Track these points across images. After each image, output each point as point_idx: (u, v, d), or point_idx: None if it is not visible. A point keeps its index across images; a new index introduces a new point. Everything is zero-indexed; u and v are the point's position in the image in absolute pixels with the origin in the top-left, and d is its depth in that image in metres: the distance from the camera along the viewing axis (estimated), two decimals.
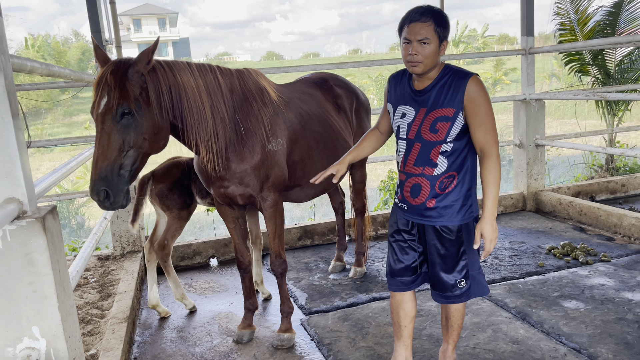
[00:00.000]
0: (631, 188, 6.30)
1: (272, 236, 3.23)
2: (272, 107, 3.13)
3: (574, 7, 7.09)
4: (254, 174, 3.02)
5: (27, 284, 1.79)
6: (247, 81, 3.08)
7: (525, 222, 5.46)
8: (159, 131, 2.62)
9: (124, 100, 2.43)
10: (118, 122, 2.42)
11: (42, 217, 1.79)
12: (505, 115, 17.58)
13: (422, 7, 2.31)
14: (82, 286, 4.11)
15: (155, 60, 2.62)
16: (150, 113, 2.55)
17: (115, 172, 2.42)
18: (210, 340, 3.42)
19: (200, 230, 9.11)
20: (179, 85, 2.67)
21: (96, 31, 4.53)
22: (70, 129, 26.81)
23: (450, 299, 2.53)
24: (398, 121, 2.47)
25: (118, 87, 2.42)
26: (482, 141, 2.31)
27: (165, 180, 3.60)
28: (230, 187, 3.05)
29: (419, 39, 2.27)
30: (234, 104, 2.96)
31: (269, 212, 3.15)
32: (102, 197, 2.39)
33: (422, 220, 2.47)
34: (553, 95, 5.81)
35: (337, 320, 3.54)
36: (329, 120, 3.56)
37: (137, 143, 2.49)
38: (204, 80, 2.81)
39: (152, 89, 2.56)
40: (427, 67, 2.31)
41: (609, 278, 3.90)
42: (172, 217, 3.64)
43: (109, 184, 2.39)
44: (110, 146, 2.40)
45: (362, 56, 56.68)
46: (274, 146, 3.08)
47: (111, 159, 2.40)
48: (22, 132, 1.87)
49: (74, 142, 4.86)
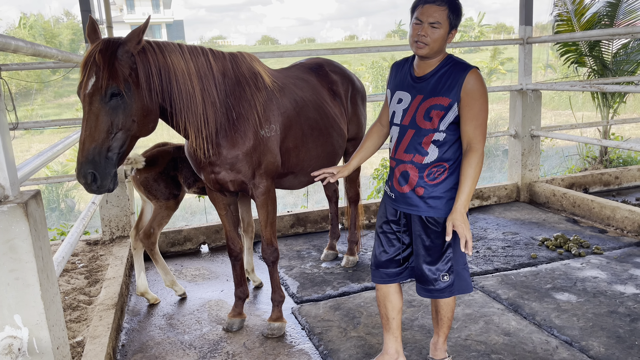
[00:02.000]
0: (624, 180, 6.30)
1: (264, 224, 3.17)
2: (265, 93, 3.05)
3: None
4: (246, 160, 2.95)
5: (9, 271, 1.73)
6: (241, 65, 3.00)
7: (518, 213, 5.44)
8: (148, 114, 2.55)
9: (113, 80, 2.35)
10: (107, 103, 2.35)
11: (25, 203, 1.72)
12: (500, 105, 17.56)
13: None
14: (69, 271, 4.05)
15: (146, 41, 2.54)
16: (139, 95, 2.47)
17: (103, 154, 2.35)
18: (200, 328, 3.38)
19: (192, 216, 9.06)
20: (169, 67, 2.59)
21: (86, 10, 4.41)
22: (60, 110, 26.52)
23: (432, 293, 2.50)
24: (394, 106, 2.45)
25: (107, 66, 2.34)
26: (470, 135, 2.29)
27: (150, 171, 3.50)
28: (222, 173, 2.99)
29: (431, 21, 2.24)
30: (225, 88, 2.88)
31: (260, 199, 3.10)
32: (89, 180, 2.34)
33: (410, 209, 2.44)
34: (550, 86, 5.77)
35: (329, 309, 3.51)
36: (324, 106, 3.50)
37: (125, 125, 2.42)
38: (195, 63, 2.72)
39: (142, 70, 2.48)
40: (432, 51, 2.28)
41: (601, 271, 3.90)
42: (158, 206, 3.57)
43: (96, 167, 2.33)
44: (98, 128, 2.34)
45: (358, 42, 56.35)
46: (267, 132, 3.01)
47: (99, 141, 2.34)
48: (4, 113, 1.80)
49: (63, 125, 4.76)
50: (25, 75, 24.76)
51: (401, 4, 36.76)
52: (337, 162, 3.71)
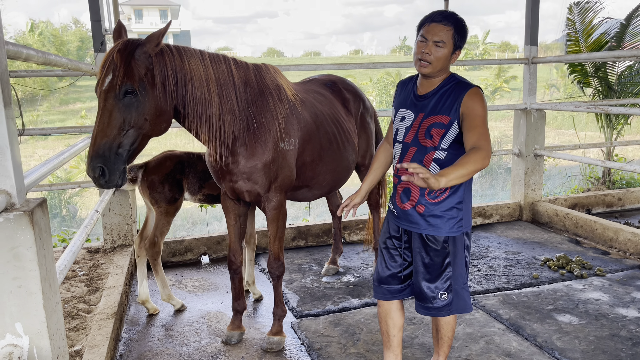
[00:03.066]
0: (628, 202, 6.29)
1: (273, 238, 3.17)
2: (288, 105, 3.08)
3: (581, 18, 7.06)
4: (264, 171, 2.97)
5: (12, 279, 1.73)
6: (265, 76, 3.04)
7: (520, 232, 5.43)
8: (161, 114, 2.60)
9: (128, 79, 2.42)
10: (120, 101, 2.42)
11: (31, 211, 1.72)
12: (504, 123, 17.59)
13: (446, 11, 2.34)
14: (70, 279, 4.04)
15: (165, 44, 2.62)
16: (153, 95, 2.54)
17: (114, 150, 2.41)
18: (199, 340, 3.36)
19: (193, 226, 9.05)
20: (186, 71, 2.65)
21: (96, 20, 4.45)
22: (65, 116, 26.63)
23: (430, 311, 2.49)
24: (397, 124, 2.47)
25: (124, 65, 2.42)
26: (474, 140, 2.16)
27: (157, 172, 3.54)
28: (239, 182, 3.00)
29: (436, 40, 2.26)
30: (247, 97, 2.91)
31: (272, 213, 3.10)
32: (97, 174, 2.39)
33: (411, 226, 2.45)
34: (554, 106, 5.78)
35: (329, 324, 3.49)
36: (340, 120, 3.54)
37: (137, 123, 2.48)
38: (215, 70, 2.77)
39: (158, 72, 2.55)
40: (435, 70, 2.30)
41: (603, 293, 3.87)
42: (159, 212, 3.58)
43: (105, 162, 2.39)
44: (110, 124, 2.40)
45: (363, 57, 56.63)
46: (286, 145, 3.04)
47: (110, 136, 2.40)
48: (13, 121, 1.81)
49: (68, 132, 4.79)
50: (32, 81, 24.92)
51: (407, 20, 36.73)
52: (349, 176, 3.73)
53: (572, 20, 7.19)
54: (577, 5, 7.18)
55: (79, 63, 3.67)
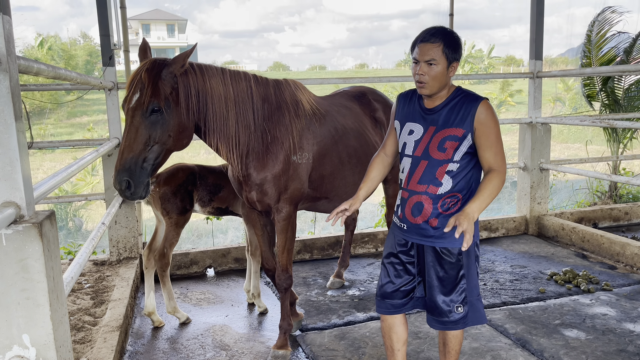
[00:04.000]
0: (634, 216, 6.25)
1: (281, 249, 3.21)
2: (304, 120, 3.18)
3: (597, 30, 7.07)
4: (274, 182, 3.06)
5: (20, 290, 1.74)
6: (284, 91, 3.17)
7: (527, 246, 5.41)
8: (184, 130, 2.74)
9: (155, 97, 2.56)
10: (147, 118, 2.56)
11: (40, 223, 1.74)
12: (510, 136, 17.57)
13: (434, 28, 2.33)
14: (75, 291, 4.05)
15: (189, 63, 2.75)
16: (177, 112, 2.67)
17: (139, 164, 2.57)
18: (204, 354, 3.35)
19: (198, 239, 9.04)
20: (207, 90, 2.78)
21: (105, 35, 4.51)
22: (73, 129, 26.83)
23: (447, 325, 2.47)
24: (405, 138, 2.45)
25: (151, 85, 2.56)
26: (491, 161, 2.30)
27: (170, 183, 3.59)
28: (251, 192, 3.12)
29: (427, 59, 2.28)
30: (264, 112, 3.03)
31: (281, 224, 3.16)
32: (123, 187, 2.56)
33: (422, 240, 2.43)
34: (560, 120, 5.79)
35: (334, 338, 3.48)
36: (365, 134, 3.59)
37: (162, 139, 2.62)
38: (234, 88, 2.90)
39: (182, 91, 2.68)
40: (434, 89, 2.32)
41: (610, 308, 3.84)
42: (169, 224, 3.61)
43: (131, 175, 2.55)
44: (136, 140, 2.55)
45: (368, 71, 56.91)
46: (299, 159, 3.13)
47: (136, 151, 2.55)
48: (24, 134, 1.83)
49: (76, 145, 4.83)
50: (40, 95, 25.15)
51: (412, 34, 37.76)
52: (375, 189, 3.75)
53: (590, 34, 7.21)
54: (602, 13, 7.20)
55: (88, 77, 3.72)
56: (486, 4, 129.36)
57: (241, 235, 7.92)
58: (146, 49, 2.78)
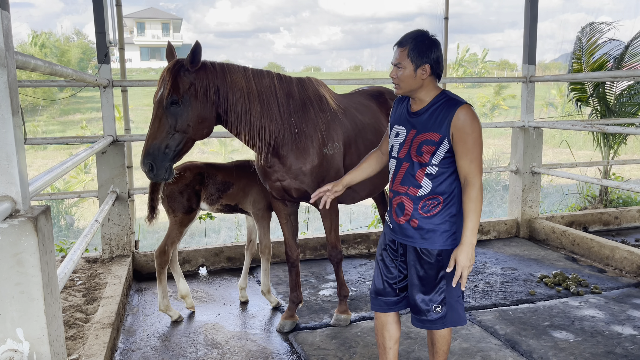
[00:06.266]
0: (624, 221, 6.32)
1: (329, 230, 3.52)
2: (329, 114, 3.41)
3: (587, 37, 7.15)
4: (310, 172, 3.30)
5: (15, 284, 1.75)
6: (307, 88, 3.39)
7: (518, 249, 5.45)
8: (203, 120, 3.02)
9: (174, 92, 2.89)
10: (167, 110, 2.90)
11: (35, 217, 1.75)
12: (502, 140, 17.67)
13: (408, 33, 2.42)
14: (67, 288, 4.05)
15: (209, 62, 3.05)
16: (196, 105, 2.95)
17: (161, 150, 2.90)
18: (195, 352, 3.36)
19: (191, 238, 9.03)
20: (228, 84, 3.05)
21: (100, 32, 4.51)
22: (65, 127, 26.66)
23: (425, 324, 2.52)
24: (392, 140, 2.52)
25: (171, 80, 2.89)
26: (466, 170, 2.34)
27: (177, 182, 3.63)
28: (286, 181, 3.34)
29: (394, 62, 2.40)
30: (289, 107, 3.26)
31: (324, 210, 3.41)
32: (147, 169, 2.92)
33: (405, 240, 2.48)
34: (552, 124, 5.85)
35: (325, 338, 3.50)
36: (381, 130, 3.74)
37: (181, 128, 2.93)
38: (258, 83, 3.15)
39: (200, 85, 2.96)
40: (405, 90, 2.40)
41: (599, 310, 3.89)
42: (174, 222, 3.66)
43: (154, 159, 2.90)
44: (159, 129, 2.90)
45: (363, 73, 56.97)
46: (330, 150, 3.35)
47: (158, 139, 2.90)
48: (20, 129, 1.84)
49: (70, 142, 4.83)
50: (32, 91, 24.97)
51: None
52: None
53: (580, 39, 7.29)
54: (590, 25, 7.28)
55: (84, 74, 3.73)
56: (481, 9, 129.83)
57: (233, 235, 7.92)
58: (172, 50, 3.09)
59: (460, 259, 2.32)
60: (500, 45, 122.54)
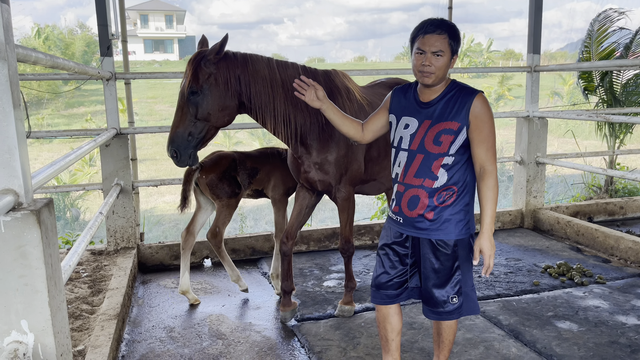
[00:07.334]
0: (629, 211, 6.29)
1: (344, 224, 3.54)
2: (356, 104, 3.45)
3: (599, 25, 7.09)
4: (335, 163, 3.34)
5: (19, 276, 1.76)
6: (334, 79, 3.44)
7: (522, 240, 5.44)
8: (224, 109, 3.10)
9: (194, 82, 2.98)
10: (188, 99, 3.01)
11: (38, 210, 1.76)
12: (507, 130, 17.59)
13: (437, 20, 2.35)
14: (73, 280, 4.08)
15: (231, 53, 3.11)
16: (216, 93, 3.03)
17: (185, 137, 3.02)
18: (200, 342, 3.38)
19: None
20: (250, 73, 3.10)
21: (103, 24, 4.51)
22: (70, 120, 26.74)
23: (442, 315, 2.51)
24: (401, 132, 2.47)
25: (192, 71, 2.99)
26: (482, 158, 2.34)
27: (214, 171, 3.79)
28: (311, 172, 3.40)
29: (434, 50, 2.30)
30: None
31: (342, 203, 3.47)
32: (172, 155, 3.05)
33: (418, 233, 2.46)
34: (556, 114, 5.81)
35: (329, 328, 3.51)
36: None
37: (202, 116, 3.03)
38: (282, 73, 3.19)
39: (221, 75, 3.03)
40: (438, 79, 2.35)
41: (603, 300, 3.89)
42: (221, 205, 3.83)
43: (178, 147, 3.03)
44: (182, 117, 3.03)
45: (367, 64, 56.75)
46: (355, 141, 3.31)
47: (181, 127, 3.02)
48: (22, 122, 1.85)
49: (74, 135, 4.84)
50: (37, 85, 25.03)
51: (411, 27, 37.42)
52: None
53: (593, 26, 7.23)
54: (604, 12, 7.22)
55: (86, 67, 3.73)
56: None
57: (237, 227, 7.95)
58: (204, 42, 3.21)
59: (485, 248, 2.35)
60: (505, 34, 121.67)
